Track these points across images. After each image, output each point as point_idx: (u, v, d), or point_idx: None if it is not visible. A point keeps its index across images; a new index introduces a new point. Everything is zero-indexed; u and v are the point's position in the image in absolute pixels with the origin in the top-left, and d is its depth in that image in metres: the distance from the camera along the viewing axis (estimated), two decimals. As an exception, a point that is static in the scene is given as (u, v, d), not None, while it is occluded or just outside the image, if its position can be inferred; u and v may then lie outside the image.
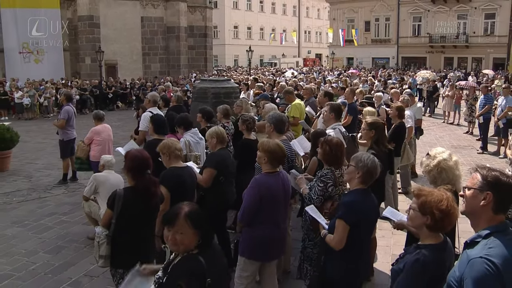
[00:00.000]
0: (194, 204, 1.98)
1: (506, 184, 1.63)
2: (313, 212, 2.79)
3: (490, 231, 1.61)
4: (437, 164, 2.58)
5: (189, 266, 1.80)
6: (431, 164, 2.61)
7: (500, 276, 1.50)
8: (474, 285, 1.52)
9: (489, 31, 29.27)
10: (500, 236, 1.60)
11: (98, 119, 5.94)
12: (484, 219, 1.66)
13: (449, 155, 2.62)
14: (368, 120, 4.04)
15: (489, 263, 1.52)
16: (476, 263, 1.54)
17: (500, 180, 1.64)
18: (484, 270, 1.51)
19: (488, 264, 1.52)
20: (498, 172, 1.67)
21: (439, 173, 2.57)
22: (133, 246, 2.73)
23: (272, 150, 2.90)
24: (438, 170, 2.57)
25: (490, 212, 1.65)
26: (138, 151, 2.90)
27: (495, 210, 1.64)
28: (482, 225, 1.66)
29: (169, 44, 21.90)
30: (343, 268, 2.52)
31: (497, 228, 1.62)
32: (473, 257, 1.57)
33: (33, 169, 8.04)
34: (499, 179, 1.64)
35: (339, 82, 13.56)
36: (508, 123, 8.53)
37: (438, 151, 2.66)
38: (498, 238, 1.59)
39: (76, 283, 3.84)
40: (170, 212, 1.91)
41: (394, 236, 4.82)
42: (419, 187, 2.02)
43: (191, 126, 4.51)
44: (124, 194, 2.70)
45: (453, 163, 2.57)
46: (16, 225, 5.27)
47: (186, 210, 1.84)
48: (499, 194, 1.63)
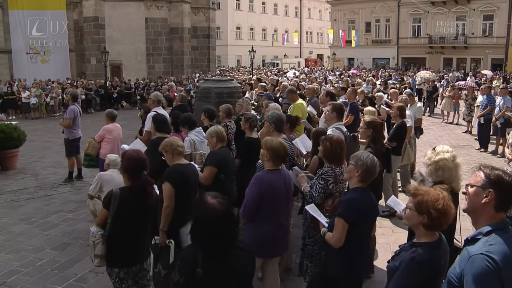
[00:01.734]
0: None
1: (508, 183, 1.66)
2: (313, 211, 2.81)
3: (492, 229, 1.63)
4: (437, 161, 2.63)
5: (186, 252, 1.89)
6: (432, 158, 2.67)
7: (499, 273, 1.52)
8: (474, 281, 1.54)
9: (487, 32, 29.32)
10: (500, 233, 1.62)
11: (111, 118, 5.94)
12: (485, 217, 1.68)
13: (452, 156, 2.64)
14: (366, 119, 4.08)
15: (490, 260, 1.53)
16: (476, 259, 1.56)
17: (503, 179, 1.67)
18: (485, 266, 1.53)
19: (489, 261, 1.53)
20: (500, 171, 1.70)
21: (435, 170, 2.62)
22: (129, 245, 2.75)
23: (275, 148, 2.92)
24: (435, 167, 2.62)
25: (491, 210, 1.67)
26: (135, 152, 2.89)
27: (497, 208, 1.66)
28: (482, 222, 1.68)
29: (173, 45, 22.03)
30: (344, 265, 2.53)
31: (498, 226, 1.64)
32: (473, 253, 1.59)
33: (39, 168, 8.15)
34: (501, 178, 1.67)
35: (340, 82, 13.61)
36: (506, 122, 8.60)
37: (443, 149, 2.69)
38: (499, 236, 1.61)
39: (81, 279, 3.90)
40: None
41: (394, 233, 4.89)
42: (415, 186, 2.04)
43: (195, 126, 4.57)
44: (120, 194, 2.70)
45: (452, 164, 2.61)
46: (24, 222, 5.36)
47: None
48: (501, 192, 1.66)
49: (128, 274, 2.82)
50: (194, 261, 1.77)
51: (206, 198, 1.83)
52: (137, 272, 2.89)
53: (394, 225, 5.11)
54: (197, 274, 1.74)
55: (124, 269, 2.78)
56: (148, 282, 2.99)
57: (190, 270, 1.76)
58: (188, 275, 1.77)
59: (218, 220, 1.76)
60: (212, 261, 1.78)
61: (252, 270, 1.96)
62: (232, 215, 1.84)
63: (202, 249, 1.79)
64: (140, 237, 2.84)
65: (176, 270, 1.83)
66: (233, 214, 1.86)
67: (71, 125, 6.95)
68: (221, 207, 1.78)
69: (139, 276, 2.91)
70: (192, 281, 1.76)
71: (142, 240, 2.87)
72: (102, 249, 2.70)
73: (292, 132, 4.76)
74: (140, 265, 2.89)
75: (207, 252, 1.78)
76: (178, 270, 1.81)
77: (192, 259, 1.78)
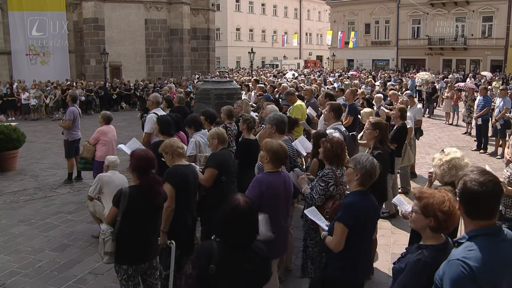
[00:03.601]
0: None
1: (467, 192, 1.63)
2: (312, 215, 2.81)
3: (476, 234, 1.61)
4: (449, 160, 2.67)
5: (203, 246, 1.92)
6: (443, 159, 2.70)
7: (474, 279, 1.51)
8: (449, 285, 1.55)
9: (486, 33, 29.40)
10: (484, 239, 1.59)
11: (107, 120, 5.92)
12: (466, 223, 1.68)
13: (462, 156, 2.72)
14: (371, 120, 4.07)
15: (464, 265, 1.53)
16: (453, 264, 1.57)
17: (464, 188, 1.64)
18: (459, 272, 1.53)
19: (463, 266, 1.53)
20: (468, 178, 1.65)
21: (449, 169, 2.65)
22: (137, 243, 2.78)
23: (275, 150, 2.93)
24: (449, 166, 2.65)
25: (466, 218, 1.66)
26: (144, 151, 2.94)
27: (468, 216, 1.65)
28: (468, 227, 1.67)
29: (172, 46, 22.06)
30: (344, 268, 2.53)
31: (484, 231, 1.61)
32: (452, 258, 1.60)
33: (39, 169, 8.15)
34: (463, 187, 1.65)
35: (339, 83, 13.63)
36: (506, 124, 8.62)
37: (452, 150, 2.76)
38: (481, 241, 1.59)
39: (81, 281, 3.90)
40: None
41: (394, 235, 4.89)
42: (419, 189, 2.02)
43: (201, 127, 4.54)
44: (130, 193, 2.75)
45: (464, 163, 2.66)
46: (23, 223, 5.35)
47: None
48: (464, 201, 1.65)
49: (136, 272, 2.84)
50: (210, 256, 1.79)
51: (234, 195, 1.94)
52: (145, 270, 2.91)
53: (394, 227, 5.11)
54: (210, 270, 1.76)
55: (132, 266, 2.80)
56: (156, 281, 3.00)
57: (204, 264, 1.78)
58: (201, 269, 1.78)
59: (241, 216, 1.83)
60: (227, 259, 1.80)
61: (266, 276, 1.95)
62: (255, 215, 1.90)
63: (220, 244, 1.82)
64: (149, 235, 2.87)
65: (190, 262, 1.84)
66: (256, 214, 1.92)
67: (71, 126, 6.96)
68: (245, 204, 1.87)
69: (147, 274, 2.93)
70: (204, 276, 1.78)
71: (151, 238, 2.90)
72: (112, 246, 2.74)
73: (290, 133, 4.76)
74: (149, 263, 2.91)
75: (224, 249, 1.81)
76: (192, 263, 1.83)
77: (208, 254, 1.81)
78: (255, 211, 1.92)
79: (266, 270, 1.95)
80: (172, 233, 3.14)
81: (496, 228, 1.64)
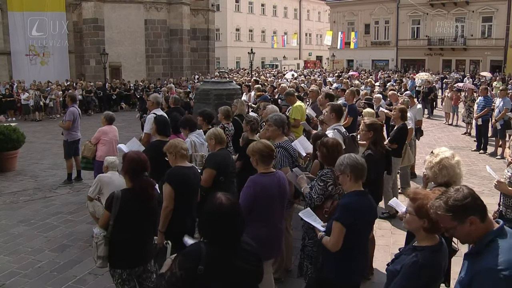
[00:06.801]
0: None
1: (452, 205, 1.65)
2: (307, 217, 2.80)
3: (493, 237, 1.61)
4: (439, 161, 2.66)
5: (190, 247, 1.89)
6: (433, 161, 2.70)
7: (510, 284, 1.52)
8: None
9: (486, 34, 29.44)
10: (502, 240, 1.60)
11: (109, 120, 5.93)
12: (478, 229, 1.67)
13: (452, 154, 2.70)
14: (366, 121, 4.08)
15: (504, 273, 1.53)
16: (492, 274, 1.55)
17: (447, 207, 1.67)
18: (498, 281, 1.52)
19: (504, 275, 1.53)
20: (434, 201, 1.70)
21: (440, 170, 2.65)
22: (131, 246, 2.75)
23: (259, 149, 2.95)
24: (439, 167, 2.65)
25: (479, 223, 1.66)
26: (136, 153, 2.91)
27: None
28: (479, 231, 1.66)
29: (172, 47, 22.07)
30: (339, 269, 2.53)
31: (496, 233, 1.62)
32: (485, 267, 1.57)
33: (39, 169, 8.16)
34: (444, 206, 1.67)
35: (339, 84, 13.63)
36: (505, 124, 8.63)
37: (441, 150, 2.76)
38: (504, 243, 1.59)
39: (81, 281, 3.90)
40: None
41: (394, 235, 4.89)
42: (414, 190, 2.03)
43: (195, 127, 4.58)
44: (122, 196, 2.72)
45: (454, 162, 2.65)
46: (23, 224, 5.36)
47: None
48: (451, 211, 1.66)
49: (131, 276, 2.82)
50: (197, 257, 1.77)
51: (215, 194, 1.88)
52: (140, 274, 2.89)
53: (394, 227, 5.11)
54: (199, 271, 1.74)
55: (127, 270, 2.79)
56: (152, 284, 2.97)
57: (192, 265, 1.75)
58: (189, 270, 1.76)
59: (224, 215, 1.80)
60: (216, 259, 1.77)
61: (257, 275, 1.94)
62: (239, 213, 1.87)
63: (208, 245, 1.79)
64: (142, 238, 2.85)
65: (176, 263, 1.81)
66: (240, 212, 1.89)
67: (71, 127, 6.96)
68: (227, 202, 1.83)
69: (143, 277, 2.91)
70: (192, 277, 1.75)
71: (144, 241, 2.87)
72: (105, 250, 2.72)
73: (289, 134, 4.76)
74: (144, 267, 2.90)
75: (212, 249, 1.78)
76: (178, 264, 1.79)
77: (196, 255, 1.78)
78: (238, 208, 1.90)
79: (257, 270, 1.92)
80: (170, 234, 3.13)
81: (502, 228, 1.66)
